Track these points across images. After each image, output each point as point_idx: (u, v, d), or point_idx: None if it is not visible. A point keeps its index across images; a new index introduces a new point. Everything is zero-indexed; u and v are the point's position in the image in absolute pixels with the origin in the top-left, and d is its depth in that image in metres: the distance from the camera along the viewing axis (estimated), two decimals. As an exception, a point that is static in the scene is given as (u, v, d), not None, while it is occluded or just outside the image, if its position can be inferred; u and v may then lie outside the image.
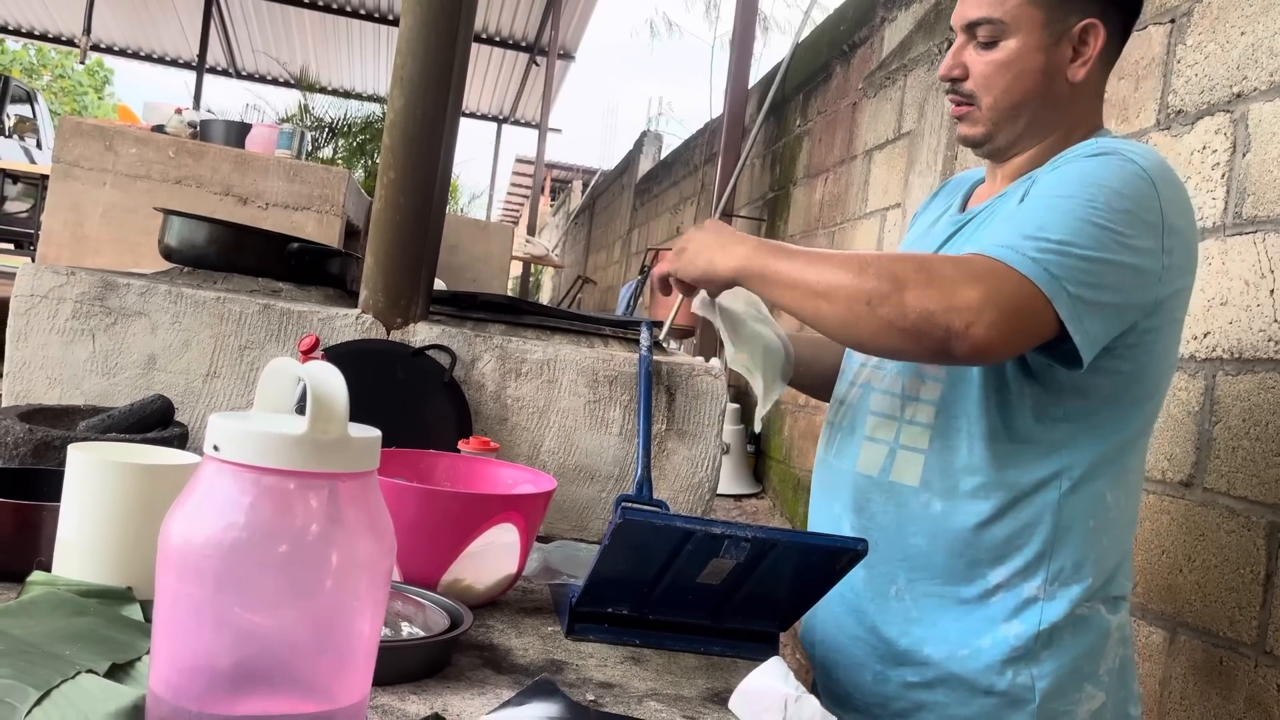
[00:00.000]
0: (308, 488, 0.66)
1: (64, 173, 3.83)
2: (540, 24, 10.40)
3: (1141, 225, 1.08)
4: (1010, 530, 1.19)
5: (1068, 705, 1.19)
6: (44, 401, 1.52)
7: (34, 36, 13.42)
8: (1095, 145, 1.15)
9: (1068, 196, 1.07)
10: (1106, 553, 1.21)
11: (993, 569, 1.19)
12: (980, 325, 1.01)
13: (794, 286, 1.10)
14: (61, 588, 0.92)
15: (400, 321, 1.66)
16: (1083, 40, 1.18)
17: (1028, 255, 1.03)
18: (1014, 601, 1.18)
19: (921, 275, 1.03)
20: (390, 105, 1.64)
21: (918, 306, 1.02)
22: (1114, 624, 1.21)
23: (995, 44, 1.19)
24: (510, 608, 1.22)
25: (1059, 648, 1.18)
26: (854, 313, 1.05)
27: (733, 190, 5.14)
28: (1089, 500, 1.19)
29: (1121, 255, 1.07)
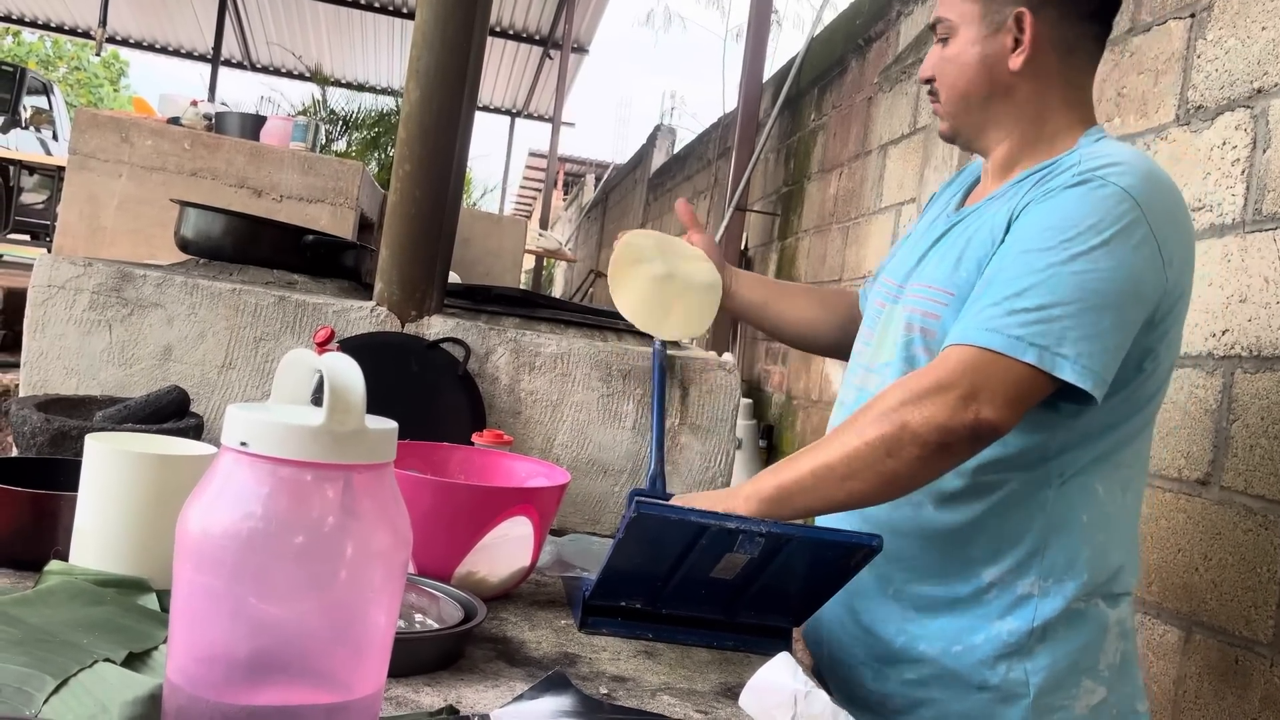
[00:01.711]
0: (324, 479, 0.66)
1: (80, 164, 3.84)
2: (554, 17, 10.39)
3: (1129, 247, 1.10)
4: (1001, 529, 1.19)
5: (1064, 700, 1.18)
6: (61, 391, 1.53)
7: (50, 28, 13.49)
8: (1076, 170, 1.15)
9: (1045, 249, 1.10)
10: (1104, 548, 1.21)
11: (985, 567, 1.20)
12: (984, 409, 1.06)
13: (814, 492, 1.12)
14: (78, 577, 0.92)
15: (415, 314, 1.66)
16: (1019, 27, 1.20)
17: (1010, 335, 1.07)
18: (1008, 599, 1.19)
19: (913, 400, 1.07)
20: (406, 98, 1.64)
21: (928, 426, 1.06)
22: (1113, 618, 1.21)
23: (948, 41, 1.25)
24: (524, 600, 1.22)
25: (1054, 642, 1.18)
26: (885, 470, 1.09)
27: (746, 185, 5.12)
28: (1081, 496, 1.19)
29: (1111, 286, 1.09)
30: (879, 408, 1.10)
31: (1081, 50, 1.24)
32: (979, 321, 1.10)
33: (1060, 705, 1.18)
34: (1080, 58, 1.24)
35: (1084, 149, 1.19)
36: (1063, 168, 1.17)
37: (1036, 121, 1.24)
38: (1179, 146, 1.97)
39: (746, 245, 5.56)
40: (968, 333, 1.10)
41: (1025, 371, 1.07)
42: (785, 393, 4.69)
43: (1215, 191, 1.85)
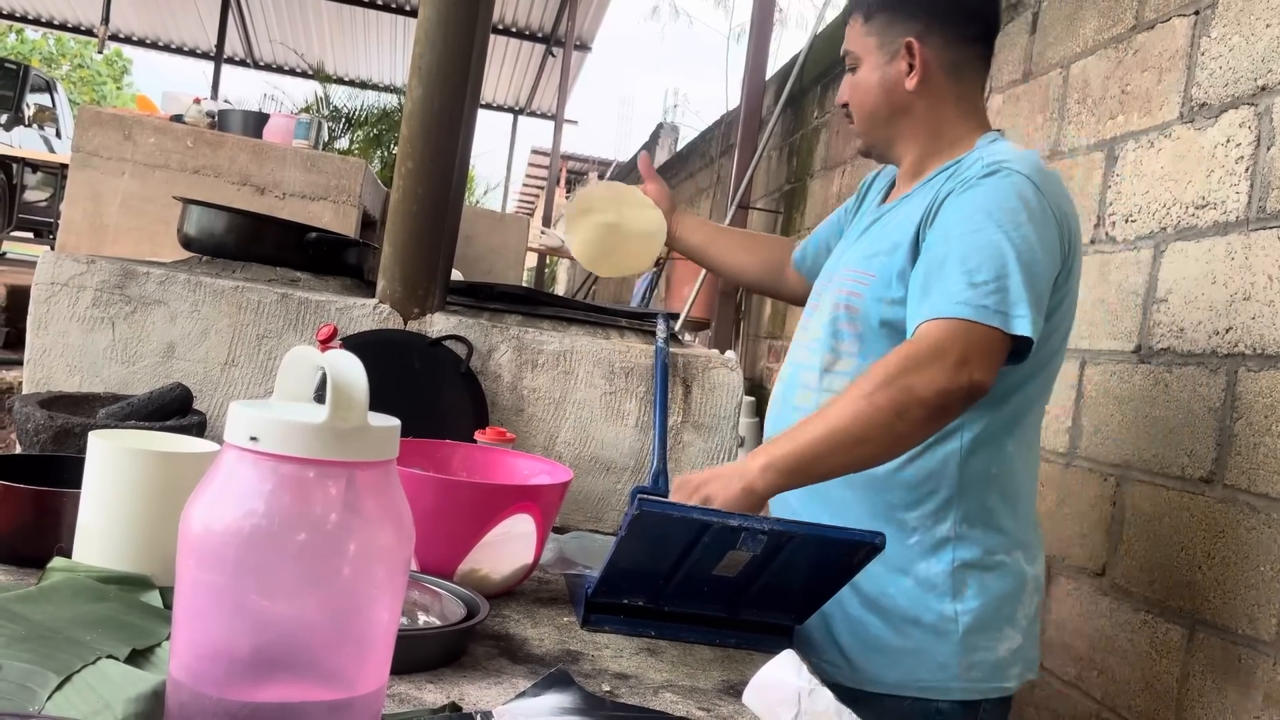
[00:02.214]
0: (327, 476, 0.66)
1: (83, 162, 3.85)
2: (557, 15, 10.38)
3: (1040, 222, 1.28)
4: (918, 477, 1.34)
5: (988, 641, 1.34)
6: (64, 389, 1.53)
7: (53, 26, 13.48)
8: (982, 163, 1.33)
9: (978, 230, 1.26)
10: (1015, 503, 1.37)
11: (908, 512, 1.35)
12: (976, 372, 1.20)
13: (829, 458, 1.21)
14: (82, 574, 0.92)
15: (417, 312, 1.66)
16: (910, 54, 1.40)
17: (977, 305, 1.22)
18: (929, 541, 1.34)
19: (913, 367, 1.20)
20: (409, 95, 1.64)
21: (931, 389, 1.18)
22: (1031, 574, 1.38)
23: (855, 70, 1.46)
24: (526, 598, 1.22)
25: (978, 587, 1.33)
26: (895, 431, 1.20)
27: (749, 182, 5.12)
28: (992, 451, 1.35)
29: (1036, 255, 1.26)
30: (880, 376, 1.20)
31: (968, 69, 1.44)
32: (947, 297, 1.23)
33: (984, 646, 1.34)
34: (967, 75, 1.44)
35: (982, 148, 1.39)
36: (969, 163, 1.35)
37: (935, 132, 1.43)
38: (1183, 144, 1.97)
39: (749, 243, 5.54)
40: (941, 308, 1.23)
41: (997, 335, 1.22)
42: (788, 390, 4.69)
43: (1219, 189, 1.84)
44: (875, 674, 1.36)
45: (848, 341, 1.40)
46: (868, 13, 1.43)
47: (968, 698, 1.34)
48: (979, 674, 1.34)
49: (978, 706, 1.35)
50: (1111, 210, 2.18)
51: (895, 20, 1.41)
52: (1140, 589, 1.92)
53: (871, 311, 1.37)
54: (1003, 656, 1.35)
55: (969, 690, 1.34)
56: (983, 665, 1.34)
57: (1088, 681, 2.05)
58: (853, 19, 1.46)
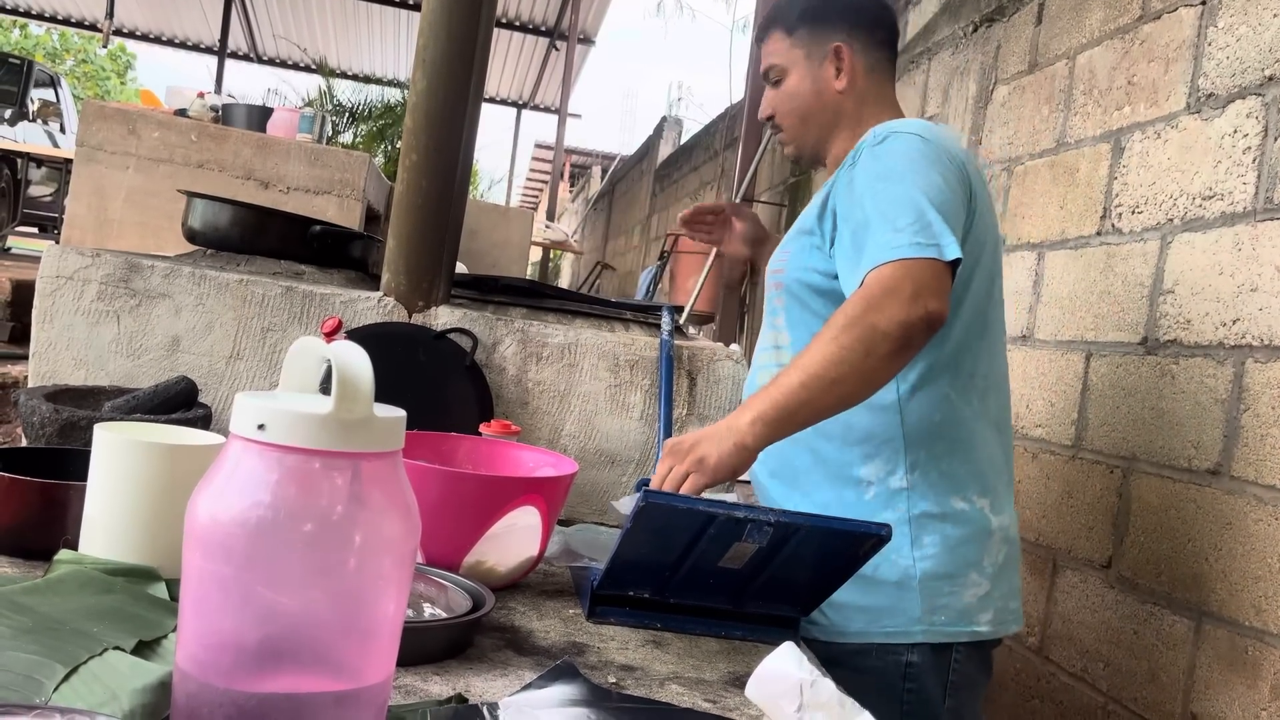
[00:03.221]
0: (333, 467, 0.66)
1: (87, 156, 3.85)
2: (560, 8, 10.35)
3: (935, 163, 1.37)
4: (864, 432, 1.39)
5: (953, 587, 1.37)
6: (70, 382, 1.53)
7: (57, 21, 13.49)
8: (873, 134, 1.43)
9: (885, 188, 1.34)
10: (968, 451, 1.41)
11: (860, 467, 1.40)
12: (931, 302, 1.24)
13: (810, 402, 1.24)
14: (88, 566, 0.92)
15: (422, 305, 1.66)
16: (838, 58, 1.53)
17: (912, 243, 1.27)
18: (884, 494, 1.39)
19: (873, 305, 1.24)
20: (412, 87, 1.63)
21: (893, 323, 1.22)
22: (996, 524, 1.42)
23: (780, 82, 1.57)
24: (532, 590, 1.22)
25: (939, 537, 1.37)
26: (865, 368, 1.23)
27: (753, 176, 5.11)
28: (932, 400, 1.40)
29: (943, 193, 1.33)
30: (842, 320, 1.24)
31: (880, 70, 1.57)
32: (879, 247, 1.28)
33: (948, 591, 1.37)
34: (880, 74, 1.57)
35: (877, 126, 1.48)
36: (865, 142, 1.44)
37: (857, 126, 1.53)
38: (1190, 135, 1.96)
39: (753, 236, 5.54)
40: (880, 255, 1.27)
41: (934, 264, 1.26)
42: (792, 384, 4.68)
43: (1226, 180, 1.84)
44: (841, 625, 1.38)
45: (779, 315, 1.50)
46: (790, 27, 1.55)
47: (934, 640, 1.37)
48: (944, 618, 1.37)
49: (949, 651, 1.38)
50: (1118, 202, 2.17)
51: (819, 30, 1.54)
52: (1147, 581, 1.92)
53: (791, 282, 1.47)
54: (969, 603, 1.38)
55: (934, 634, 1.37)
56: (947, 610, 1.37)
57: (1094, 674, 2.05)
58: (771, 37, 1.57)
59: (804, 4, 1.56)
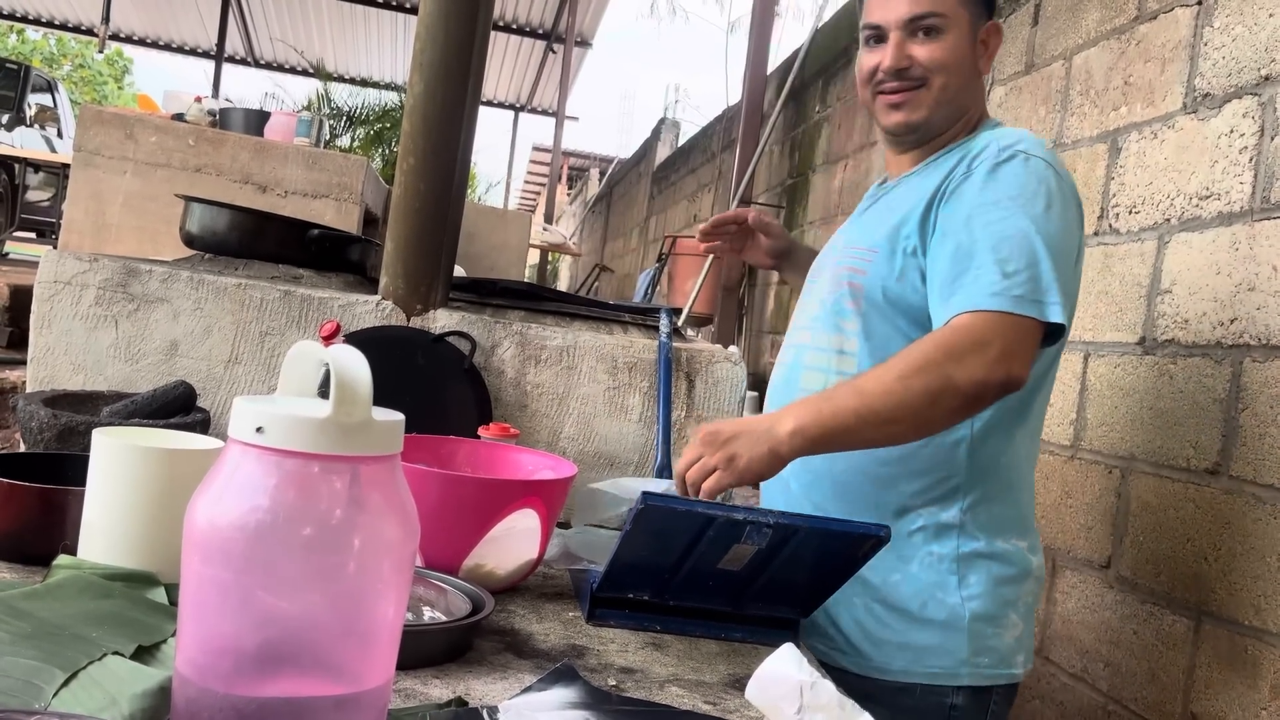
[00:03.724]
0: (331, 471, 0.66)
1: (85, 161, 3.85)
2: (557, 11, 10.36)
3: (1062, 206, 1.29)
4: (927, 464, 1.33)
5: (996, 629, 1.33)
6: (68, 387, 1.53)
7: (54, 26, 13.48)
8: (997, 145, 1.31)
9: (1005, 218, 1.25)
10: (1018, 492, 1.37)
11: (913, 499, 1.33)
12: (1015, 367, 1.20)
13: (858, 433, 1.20)
14: (87, 571, 0.92)
15: (420, 308, 1.66)
16: (987, 36, 1.42)
17: (1013, 295, 1.21)
18: (934, 528, 1.33)
19: (954, 356, 1.19)
20: (410, 90, 1.63)
21: (969, 381, 1.18)
22: (1035, 564, 1.38)
23: (936, 37, 1.38)
24: (531, 593, 1.22)
25: (985, 576, 1.33)
26: (925, 417, 1.20)
27: (751, 177, 5.11)
28: (1001, 439, 1.34)
29: (1061, 241, 1.26)
30: (919, 360, 1.19)
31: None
32: (982, 289, 1.22)
33: (992, 634, 1.33)
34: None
35: (989, 131, 1.39)
36: (980, 147, 1.34)
37: (966, 113, 1.43)
38: (1186, 135, 1.96)
39: (751, 238, 5.54)
40: (978, 300, 1.21)
41: (1034, 325, 1.21)
42: (791, 385, 4.68)
43: (1223, 180, 1.84)
44: (883, 663, 1.35)
45: (850, 319, 1.38)
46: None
47: (977, 683, 1.34)
48: (988, 661, 1.33)
49: (989, 693, 1.35)
50: (1115, 202, 2.17)
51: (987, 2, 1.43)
52: (1146, 581, 1.92)
53: (874, 288, 1.36)
54: (1009, 644, 1.35)
55: (978, 676, 1.33)
56: (991, 653, 1.34)
57: (1094, 674, 2.05)
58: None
59: None
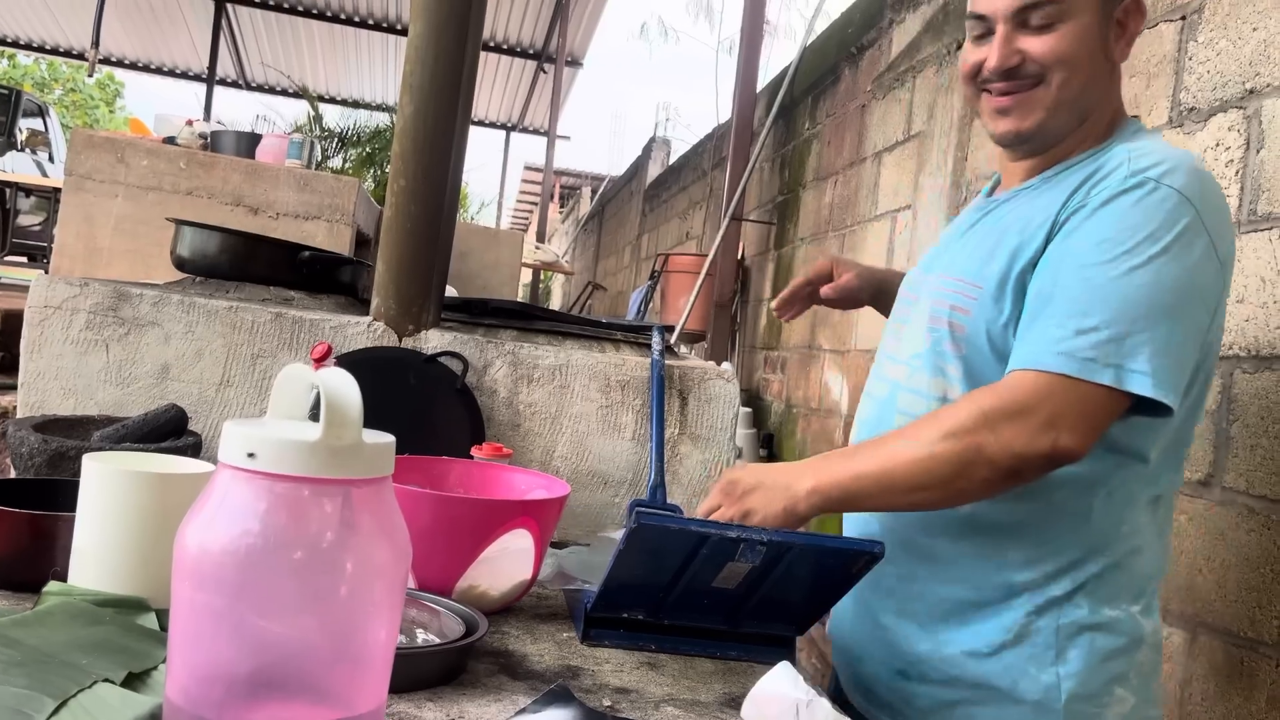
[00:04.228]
0: (322, 494, 0.66)
1: (76, 185, 3.85)
2: (548, 31, 10.41)
3: (1186, 250, 1.07)
4: (1042, 534, 1.16)
5: (1095, 709, 1.16)
6: (58, 412, 1.52)
7: (44, 50, 13.50)
8: (1126, 170, 1.11)
9: (1104, 263, 1.07)
10: (1140, 559, 1.18)
11: (1019, 572, 1.16)
12: (1063, 437, 1.04)
13: (878, 499, 1.12)
14: (77, 598, 0.92)
15: (412, 328, 1.66)
16: (1126, 17, 1.17)
17: (1081, 357, 1.05)
18: (1037, 601, 1.15)
19: (989, 422, 1.05)
20: (400, 112, 1.64)
21: (1005, 452, 1.05)
22: (1148, 629, 1.18)
23: (1053, 26, 1.15)
24: (525, 614, 1.21)
25: (1084, 649, 1.15)
26: (953, 488, 1.08)
27: (742, 194, 5.13)
28: (1127, 508, 1.16)
29: (1180, 291, 1.07)
30: (950, 424, 1.07)
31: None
32: (1047, 344, 1.07)
33: (1093, 713, 1.15)
34: None
35: (1126, 143, 1.16)
36: (1110, 167, 1.13)
37: (1098, 115, 1.19)
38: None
39: (744, 254, 5.56)
40: (1038, 357, 1.07)
41: (1102, 393, 1.05)
42: (785, 401, 4.69)
43: (1210, 192, 1.85)
44: None
45: (953, 364, 1.19)
46: None
47: None
48: None
49: None
50: (1103, 215, 2.18)
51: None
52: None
53: (977, 332, 1.16)
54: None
55: None
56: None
57: (1091, 688, 2.04)
58: None
59: None
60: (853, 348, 3.91)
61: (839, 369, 4.04)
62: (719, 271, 5.25)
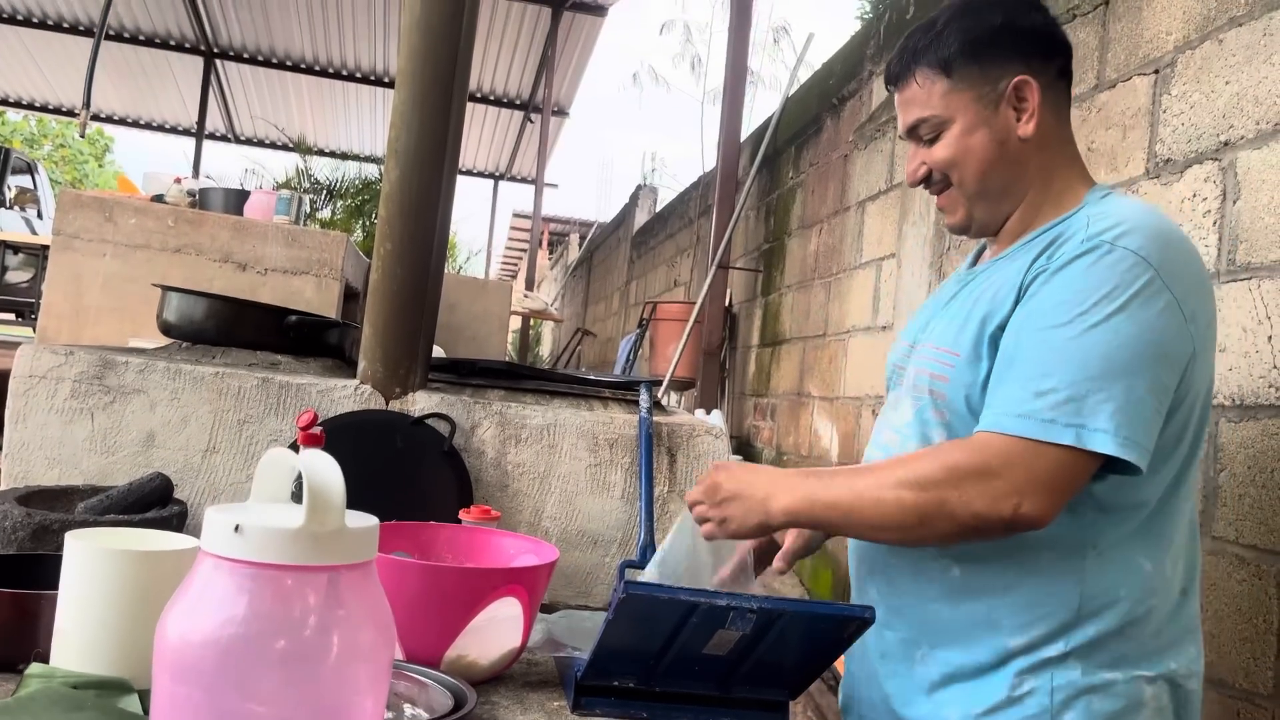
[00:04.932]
0: (305, 581, 0.66)
1: (64, 245, 3.85)
2: (534, 82, 10.53)
3: (1148, 313, 1.08)
4: (1033, 597, 1.15)
5: None
6: (43, 482, 1.51)
7: (34, 108, 13.59)
8: (1084, 234, 1.14)
9: (1061, 325, 1.09)
10: (1146, 622, 1.15)
11: (1012, 636, 1.16)
12: (1025, 504, 1.06)
13: (845, 528, 1.18)
14: (59, 680, 0.91)
15: (399, 391, 1.66)
16: (1020, 97, 1.21)
17: (1041, 419, 1.06)
18: (1032, 663, 1.15)
19: (954, 480, 1.08)
20: (386, 177, 1.65)
21: (966, 510, 1.07)
22: (1149, 693, 1.15)
23: (940, 136, 1.24)
24: (515, 682, 1.20)
25: (1083, 712, 1.13)
26: (913, 535, 1.12)
27: (729, 242, 5.17)
28: (1122, 571, 1.15)
29: (1137, 349, 1.07)
30: (917, 474, 1.10)
31: (1065, 107, 1.26)
32: (1008, 406, 1.09)
33: None
34: (1065, 114, 1.26)
35: (1090, 208, 1.19)
36: (1070, 232, 1.16)
37: (1044, 185, 1.24)
38: (1150, 199, 2.00)
39: (731, 302, 5.59)
40: (999, 419, 1.09)
41: (1064, 455, 1.06)
42: (775, 448, 4.69)
43: (1189, 242, 1.87)
44: None
45: (937, 431, 1.22)
46: (947, 65, 1.22)
47: None
48: None
49: None
50: (1085, 264, 2.20)
51: (991, 65, 1.21)
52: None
53: (957, 398, 1.19)
54: None
55: None
56: None
57: (1088, 739, 2.03)
58: (915, 80, 1.24)
59: (965, 34, 1.22)
60: (842, 394, 3.91)
61: (829, 416, 4.04)
62: (707, 319, 5.27)
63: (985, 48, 1.21)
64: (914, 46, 1.25)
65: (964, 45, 1.21)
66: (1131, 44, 2.13)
